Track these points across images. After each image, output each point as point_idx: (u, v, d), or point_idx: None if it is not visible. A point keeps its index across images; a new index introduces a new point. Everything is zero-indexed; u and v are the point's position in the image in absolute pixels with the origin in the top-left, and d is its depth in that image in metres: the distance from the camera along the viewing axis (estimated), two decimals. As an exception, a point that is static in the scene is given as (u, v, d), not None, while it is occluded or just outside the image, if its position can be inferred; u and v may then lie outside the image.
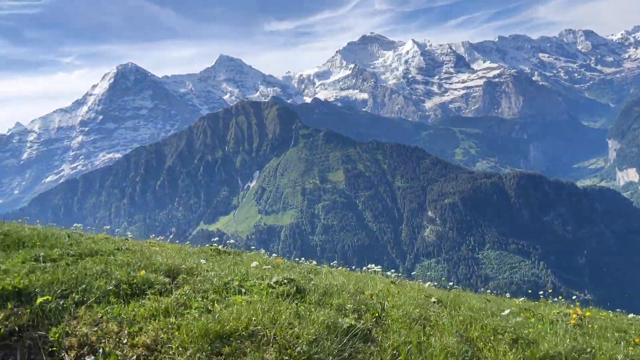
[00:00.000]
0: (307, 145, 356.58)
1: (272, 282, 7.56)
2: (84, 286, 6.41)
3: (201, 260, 9.28)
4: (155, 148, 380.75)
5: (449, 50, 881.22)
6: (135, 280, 6.94)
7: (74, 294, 6.17)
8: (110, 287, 6.54)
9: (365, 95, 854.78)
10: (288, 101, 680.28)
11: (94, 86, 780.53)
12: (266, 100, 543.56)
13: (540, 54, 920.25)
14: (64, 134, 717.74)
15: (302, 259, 14.16)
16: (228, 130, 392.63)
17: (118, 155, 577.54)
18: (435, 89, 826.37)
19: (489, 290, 14.40)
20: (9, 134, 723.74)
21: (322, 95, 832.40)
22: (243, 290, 7.04)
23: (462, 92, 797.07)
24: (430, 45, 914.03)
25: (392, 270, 11.67)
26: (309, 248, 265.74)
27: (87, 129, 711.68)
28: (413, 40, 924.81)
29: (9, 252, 8.09)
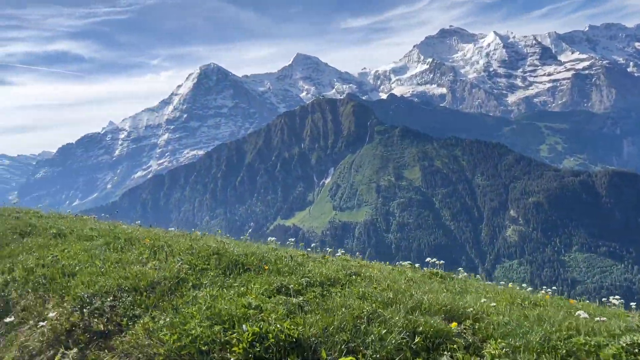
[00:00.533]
0: (382, 141, 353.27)
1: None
2: (361, 334, 5.25)
3: (481, 300, 7.06)
4: (236, 145, 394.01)
5: (534, 41, 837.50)
6: (424, 329, 5.41)
7: (361, 347, 5.01)
8: (401, 339, 5.21)
9: (443, 90, 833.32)
10: (363, 98, 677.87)
11: (179, 86, 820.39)
12: (341, 97, 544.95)
13: (637, 43, 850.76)
14: (151, 132, 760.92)
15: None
16: (304, 128, 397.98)
17: (201, 152, 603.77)
18: (518, 82, 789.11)
19: (585, 297, 13.20)
20: (102, 132, 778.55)
21: (398, 91, 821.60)
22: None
23: (548, 85, 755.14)
24: (514, 37, 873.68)
25: (472, 274, 10.97)
26: (383, 246, 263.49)
27: (172, 127, 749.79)
28: (495, 32, 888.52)
29: (234, 278, 7.39)
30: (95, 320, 6.29)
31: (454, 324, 5.67)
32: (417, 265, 11.20)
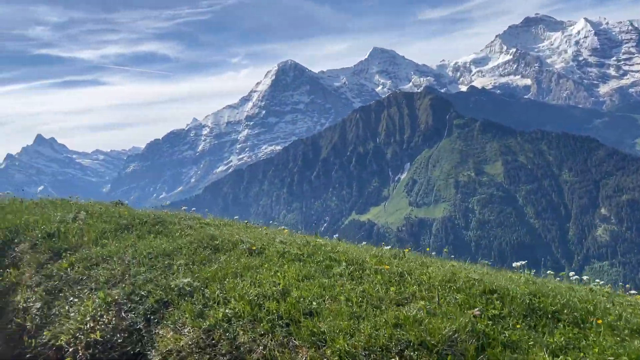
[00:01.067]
0: (461, 135, 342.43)
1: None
2: None
3: None
4: (312, 141, 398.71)
5: (630, 27, 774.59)
6: None
7: None
8: None
9: (527, 81, 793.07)
10: (442, 90, 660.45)
11: (258, 83, 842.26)
12: (419, 90, 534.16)
13: None
14: (232, 128, 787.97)
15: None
16: (379, 122, 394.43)
17: (278, 148, 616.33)
18: (611, 71, 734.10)
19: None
20: (187, 129, 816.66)
21: (478, 82, 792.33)
22: None
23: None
24: (607, 23, 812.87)
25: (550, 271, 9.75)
26: (462, 243, 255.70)
27: (251, 123, 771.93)
28: (585, 19, 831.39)
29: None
30: None
31: None
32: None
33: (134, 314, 6.87)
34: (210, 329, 6.01)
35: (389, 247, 10.33)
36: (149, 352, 6.32)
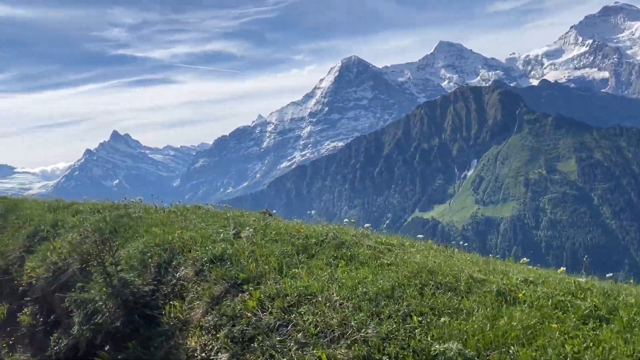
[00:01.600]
0: (532, 131, 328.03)
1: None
2: None
3: None
4: (374, 137, 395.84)
5: None
6: None
7: None
8: None
9: (605, 74, 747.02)
10: (511, 85, 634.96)
11: (322, 80, 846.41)
12: (487, 84, 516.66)
13: None
14: (295, 125, 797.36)
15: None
16: (445, 118, 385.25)
17: (341, 144, 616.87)
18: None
19: None
20: (252, 125, 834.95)
21: (551, 76, 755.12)
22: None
23: None
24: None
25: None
26: (531, 244, 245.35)
27: (315, 119, 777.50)
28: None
29: None
30: None
31: None
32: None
33: None
34: None
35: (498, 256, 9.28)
36: None
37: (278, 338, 5.81)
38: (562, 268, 8.49)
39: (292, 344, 5.65)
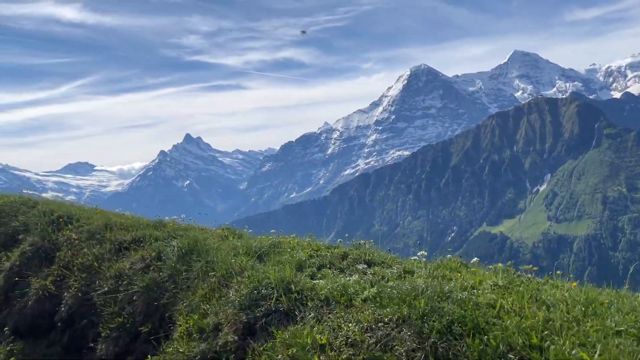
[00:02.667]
0: (612, 146, 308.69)
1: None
2: None
3: None
4: (442, 146, 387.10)
5: None
6: None
7: None
8: None
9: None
10: (590, 97, 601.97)
11: (389, 88, 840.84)
12: (564, 96, 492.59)
13: None
14: (361, 133, 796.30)
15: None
16: (518, 129, 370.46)
17: (406, 153, 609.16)
18: None
19: None
20: (318, 132, 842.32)
21: (636, 89, 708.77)
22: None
23: None
24: None
25: None
26: (607, 265, 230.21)
27: (380, 127, 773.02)
28: None
29: None
30: None
31: None
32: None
33: None
34: None
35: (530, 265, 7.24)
36: None
37: None
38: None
39: None
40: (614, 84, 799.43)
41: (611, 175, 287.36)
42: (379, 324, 4.86)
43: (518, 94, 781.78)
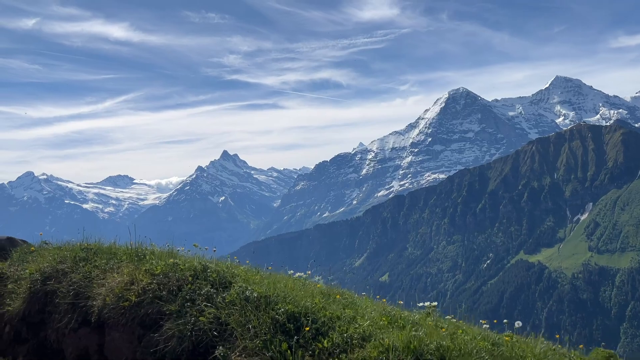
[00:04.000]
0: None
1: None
2: None
3: None
4: (479, 171, 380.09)
5: None
6: None
7: None
8: None
9: None
10: (636, 125, 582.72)
11: (426, 110, 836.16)
12: (608, 123, 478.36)
13: None
14: (396, 154, 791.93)
15: None
16: (559, 156, 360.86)
17: (442, 176, 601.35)
18: None
19: None
20: (353, 152, 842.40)
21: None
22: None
23: None
24: None
25: None
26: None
27: (416, 150, 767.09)
28: None
29: None
30: None
31: None
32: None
33: None
34: None
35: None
36: None
37: None
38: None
39: None
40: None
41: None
42: None
43: (559, 120, 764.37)
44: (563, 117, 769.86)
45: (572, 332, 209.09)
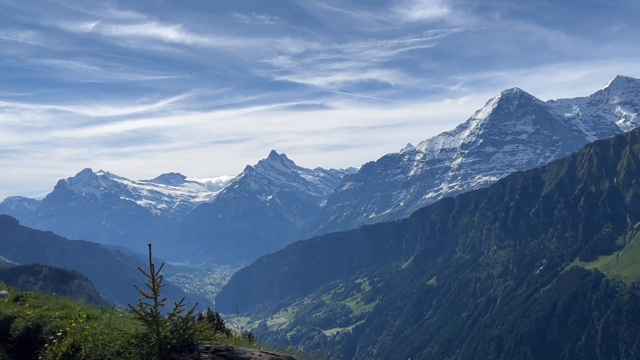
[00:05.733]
0: None
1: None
2: None
3: None
4: (533, 174, 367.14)
5: None
6: None
7: None
8: None
9: None
10: None
11: (478, 111, 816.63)
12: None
13: None
14: (445, 156, 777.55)
15: None
16: (619, 160, 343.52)
17: (493, 179, 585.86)
18: None
19: None
20: (401, 153, 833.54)
21: None
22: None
23: None
24: None
25: None
26: None
27: (466, 151, 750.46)
28: None
29: None
30: None
31: None
32: None
33: None
34: None
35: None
36: None
37: None
38: None
39: None
40: None
41: None
42: None
43: (620, 122, 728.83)
44: (624, 119, 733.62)
45: (630, 344, 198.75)
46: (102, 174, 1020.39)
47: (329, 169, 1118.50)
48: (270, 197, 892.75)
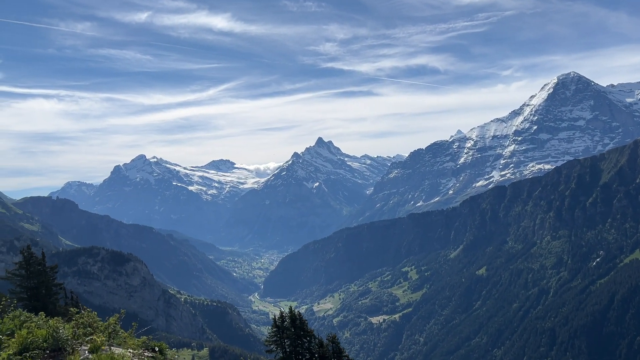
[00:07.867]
0: None
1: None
2: None
3: None
4: (590, 162, 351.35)
5: None
6: None
7: None
8: None
9: None
10: None
11: (532, 97, 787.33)
12: None
13: None
14: (497, 143, 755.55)
15: None
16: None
17: (548, 167, 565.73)
18: None
19: None
20: (450, 140, 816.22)
21: None
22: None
23: None
24: None
25: None
26: None
27: (520, 138, 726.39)
28: None
29: None
30: None
31: None
32: None
33: None
34: None
35: None
36: None
37: None
38: None
39: None
40: None
41: None
42: None
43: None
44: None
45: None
46: (155, 160, 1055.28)
47: (375, 156, 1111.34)
48: (317, 184, 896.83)
